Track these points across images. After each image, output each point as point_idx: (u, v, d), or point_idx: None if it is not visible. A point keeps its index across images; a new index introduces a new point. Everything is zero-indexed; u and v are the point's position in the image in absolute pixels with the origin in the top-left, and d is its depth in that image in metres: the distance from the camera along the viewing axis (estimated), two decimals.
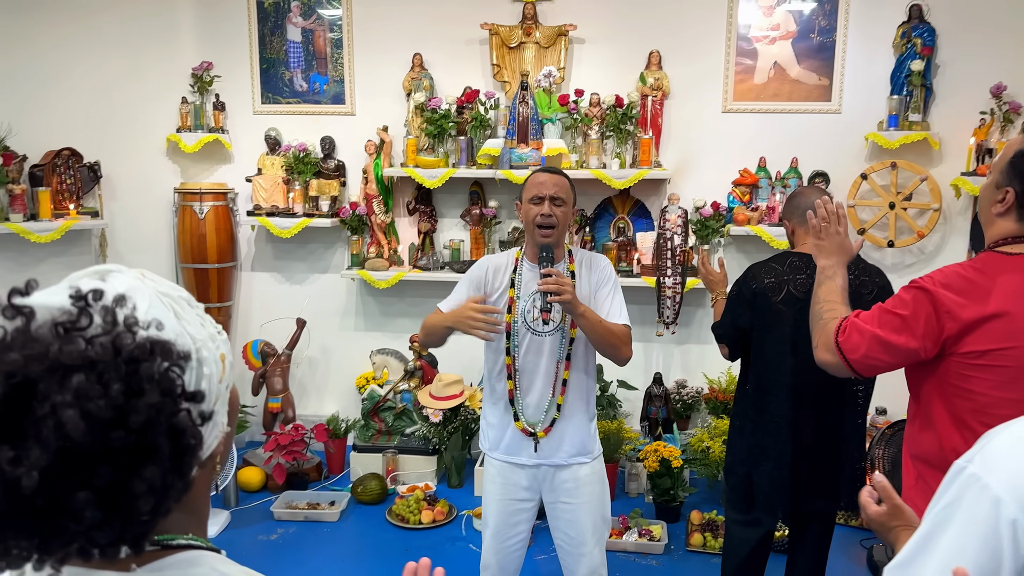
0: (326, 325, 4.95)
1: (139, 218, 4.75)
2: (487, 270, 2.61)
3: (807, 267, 2.66)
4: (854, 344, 1.82)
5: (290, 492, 4.23)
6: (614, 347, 2.48)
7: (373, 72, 4.71)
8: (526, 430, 2.55)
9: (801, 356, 2.64)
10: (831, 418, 2.70)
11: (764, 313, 2.67)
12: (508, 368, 2.56)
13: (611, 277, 2.59)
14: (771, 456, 2.72)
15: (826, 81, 4.44)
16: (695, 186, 4.54)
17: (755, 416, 2.76)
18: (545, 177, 2.52)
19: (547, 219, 2.46)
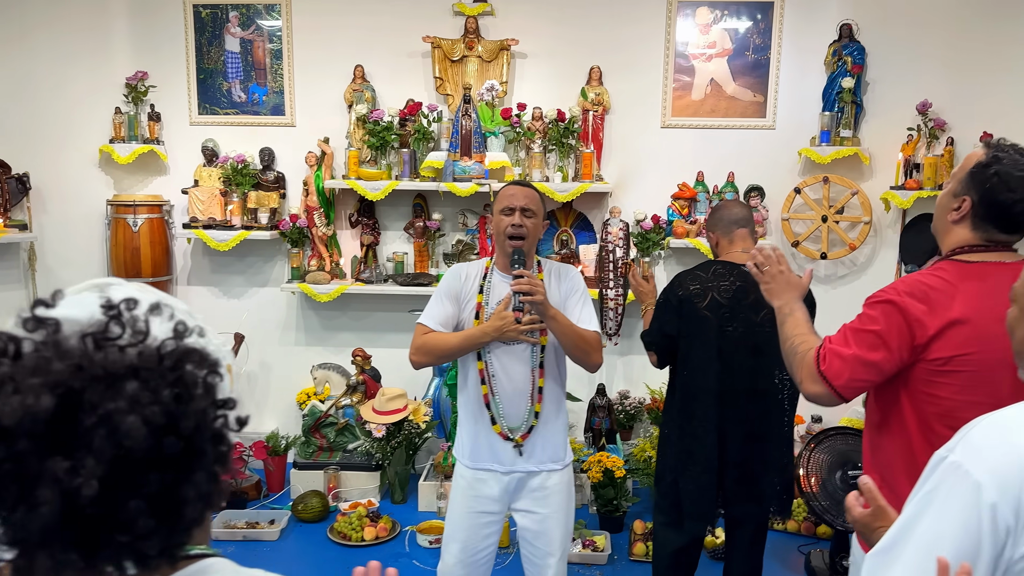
0: (266, 340, 4.86)
1: (70, 231, 4.60)
2: (460, 277, 2.63)
3: (730, 274, 2.75)
4: (837, 370, 1.82)
5: (228, 511, 4.12)
6: (585, 352, 2.51)
7: (314, 84, 4.66)
8: (504, 434, 2.56)
9: (726, 362, 2.73)
10: (757, 423, 2.77)
11: (690, 320, 2.74)
12: (481, 372, 2.57)
13: (580, 286, 2.63)
14: (698, 461, 2.78)
15: (761, 98, 4.56)
16: (636, 199, 4.60)
17: (682, 422, 2.82)
18: (516, 189, 2.56)
19: (518, 229, 2.49)
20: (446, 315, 2.58)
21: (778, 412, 2.78)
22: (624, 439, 4.60)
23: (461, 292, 2.61)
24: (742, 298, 2.72)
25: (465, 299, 2.61)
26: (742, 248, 2.82)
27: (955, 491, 1.02)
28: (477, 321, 2.56)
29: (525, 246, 2.52)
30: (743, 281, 2.72)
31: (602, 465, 3.99)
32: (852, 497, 1.38)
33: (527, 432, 2.57)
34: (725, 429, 2.75)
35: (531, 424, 2.58)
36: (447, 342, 2.52)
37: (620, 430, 4.56)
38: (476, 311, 2.57)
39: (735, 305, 2.72)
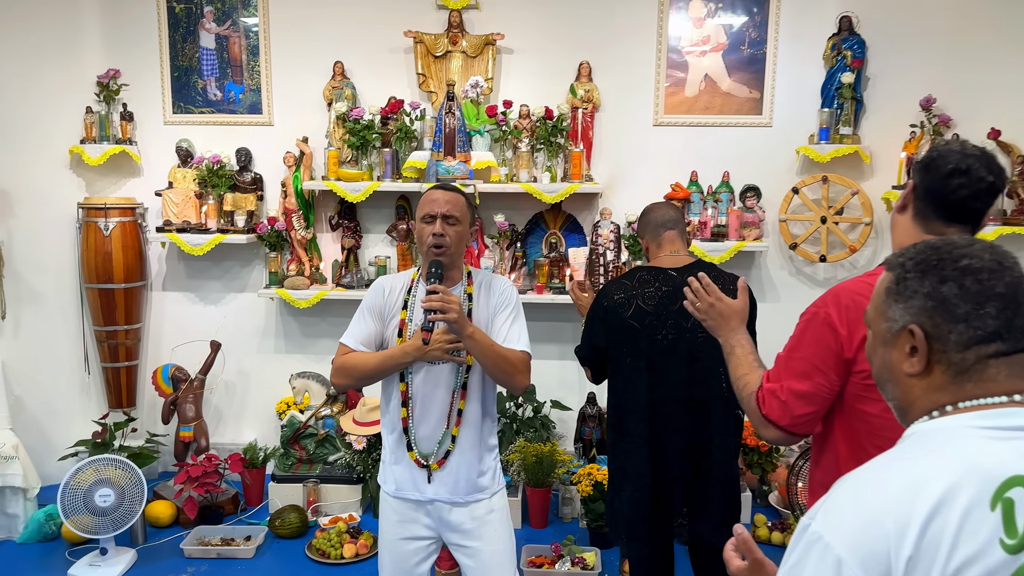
0: (244, 347, 4.68)
1: (40, 235, 4.41)
2: (383, 291, 2.44)
3: (656, 279, 2.61)
4: (778, 412, 1.68)
5: (203, 527, 3.94)
6: (507, 373, 2.33)
7: (292, 81, 4.48)
8: (419, 461, 2.39)
9: (657, 372, 2.59)
10: (695, 435, 2.62)
11: (617, 330, 2.61)
12: (403, 395, 2.40)
13: (511, 301, 2.44)
14: (631, 479, 2.64)
15: (757, 94, 4.39)
16: (627, 200, 4.42)
17: (615, 438, 2.70)
18: (438, 194, 2.36)
19: (439, 239, 2.30)
20: (368, 333, 2.41)
21: (720, 422, 2.63)
22: None
23: (384, 308, 2.43)
24: (669, 304, 2.57)
25: (389, 315, 2.42)
26: (670, 251, 2.69)
27: (818, 568, 0.97)
28: (400, 339, 2.38)
29: (447, 257, 2.33)
30: (670, 286, 2.59)
31: (592, 478, 3.82)
32: (730, 548, 1.28)
33: (443, 458, 2.39)
34: (661, 443, 2.61)
35: (447, 449, 2.39)
36: (366, 362, 2.35)
37: None
38: (399, 328, 2.39)
39: (661, 312, 2.58)
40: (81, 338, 4.54)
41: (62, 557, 3.70)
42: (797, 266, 4.47)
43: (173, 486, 4.11)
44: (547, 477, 4.01)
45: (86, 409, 4.58)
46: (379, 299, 2.42)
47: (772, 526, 3.94)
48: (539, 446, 4.05)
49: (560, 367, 4.51)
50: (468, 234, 2.41)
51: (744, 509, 3.97)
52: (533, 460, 3.99)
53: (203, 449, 4.35)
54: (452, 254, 2.33)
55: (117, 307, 4.41)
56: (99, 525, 3.54)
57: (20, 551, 3.80)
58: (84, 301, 4.48)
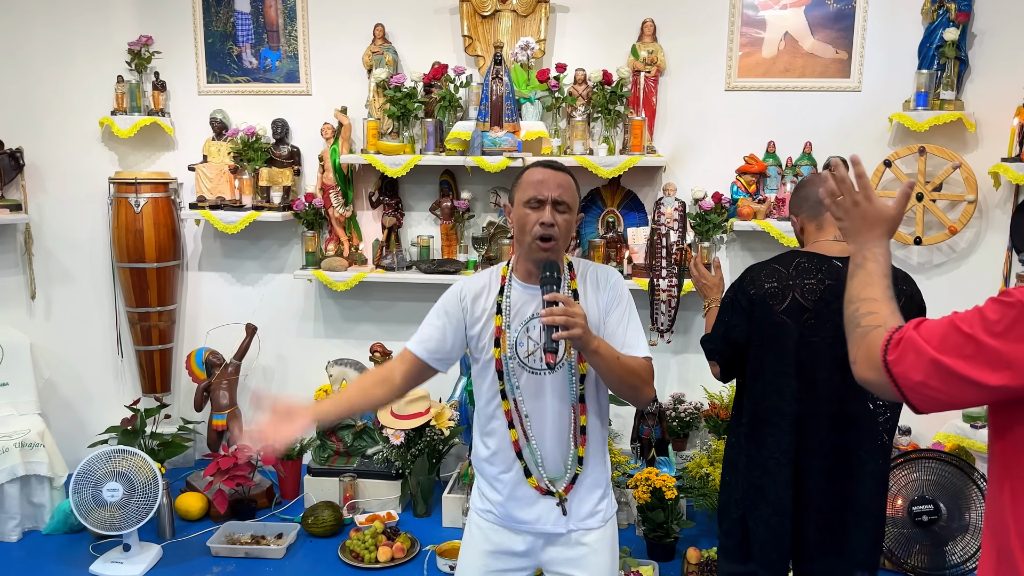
0: (282, 331, 4.43)
1: (71, 212, 4.23)
2: (463, 298, 2.09)
3: (818, 269, 2.18)
4: (908, 366, 1.29)
5: (233, 523, 3.71)
6: (634, 388, 1.97)
7: (331, 47, 4.17)
8: (542, 488, 2.05)
9: (807, 379, 2.17)
10: (844, 456, 2.20)
11: (763, 325, 2.19)
12: (508, 415, 2.04)
13: (624, 296, 2.06)
14: (769, 500, 2.23)
15: (844, 54, 3.89)
16: (694, 175, 3.99)
17: (751, 450, 2.28)
18: (546, 174, 1.98)
19: (549, 229, 1.93)
20: (438, 340, 2.08)
21: (871, 443, 2.20)
22: (677, 449, 4.03)
23: (466, 316, 2.08)
24: (831, 300, 2.14)
25: (475, 322, 2.07)
26: (835, 236, 2.24)
27: None
28: (498, 351, 2.02)
29: (554, 254, 1.96)
30: (834, 279, 2.16)
31: (650, 484, 3.44)
32: None
33: (571, 483, 2.05)
34: (803, 463, 2.20)
35: (575, 472, 2.05)
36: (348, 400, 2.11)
37: (673, 440, 3.99)
38: (496, 338, 2.03)
39: (822, 309, 2.15)
40: (114, 319, 4.36)
41: (86, 551, 3.51)
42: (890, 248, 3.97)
43: (204, 477, 3.90)
44: None
45: (120, 393, 4.41)
46: (454, 302, 2.09)
47: None
48: None
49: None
50: (575, 222, 2.04)
51: None
52: None
53: (235, 439, 4.13)
54: (560, 246, 1.97)
55: (149, 287, 4.20)
56: (107, 521, 3.33)
57: (44, 543, 3.63)
58: (116, 281, 4.29)
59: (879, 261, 1.48)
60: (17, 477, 3.60)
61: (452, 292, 2.12)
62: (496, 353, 2.02)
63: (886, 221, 1.51)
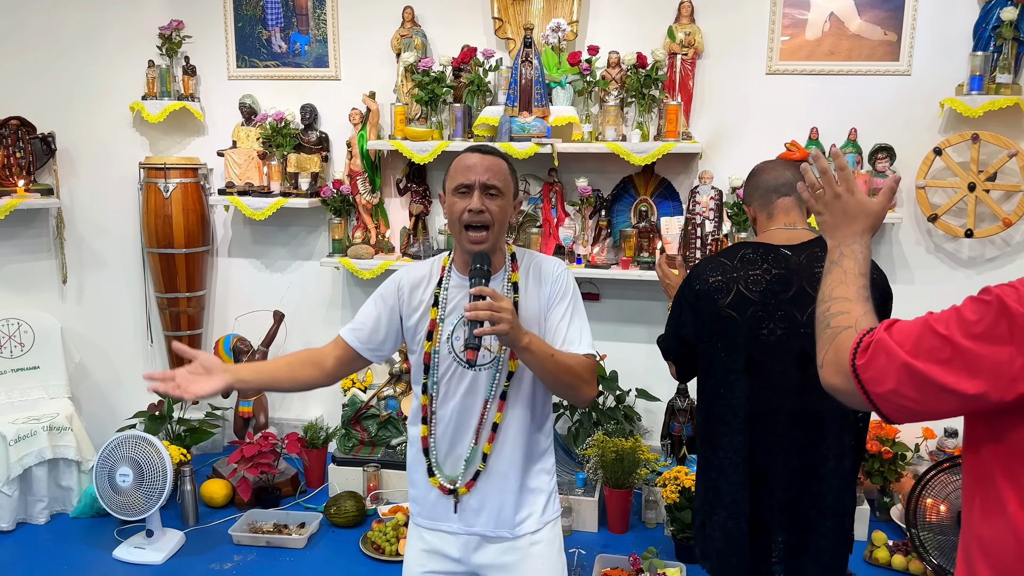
0: (310, 318, 4.40)
1: (102, 197, 4.24)
2: (400, 288, 2.00)
3: (764, 259, 2.06)
4: (878, 372, 1.18)
5: (255, 511, 3.69)
6: (570, 387, 1.87)
7: (360, 30, 4.10)
8: (444, 487, 1.96)
9: (760, 375, 2.06)
10: (806, 453, 2.08)
11: (710, 320, 2.09)
12: (424, 409, 1.96)
13: (569, 290, 1.96)
14: (725, 503, 2.13)
15: (893, 36, 3.69)
16: (732, 162, 3.83)
17: (706, 451, 2.19)
18: (474, 159, 1.88)
19: (477, 216, 1.83)
20: (370, 330, 2.00)
21: (835, 439, 2.08)
22: None
23: (402, 305, 1.99)
24: (780, 291, 2.03)
25: (411, 313, 1.98)
26: (784, 223, 2.13)
27: None
28: (430, 344, 1.93)
29: (488, 240, 1.86)
30: (781, 268, 2.04)
31: (680, 483, 3.32)
32: None
33: (472, 479, 1.95)
34: (762, 462, 2.10)
35: (476, 469, 1.95)
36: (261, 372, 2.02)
37: None
38: (429, 330, 1.94)
39: (769, 300, 2.04)
40: (144, 305, 4.37)
41: (111, 536, 3.52)
42: (936, 242, 3.78)
43: (228, 465, 3.88)
44: (628, 477, 3.54)
45: None
46: (394, 295, 2.00)
47: (893, 547, 3.35)
48: (620, 441, 3.57)
49: (648, 352, 4.00)
50: (511, 210, 1.94)
51: (861, 524, 3.40)
52: (613, 457, 3.52)
53: (261, 426, 4.11)
54: (495, 235, 1.87)
55: (178, 273, 4.19)
56: (122, 505, 3.34)
57: (71, 526, 3.66)
58: (147, 267, 4.29)
59: (857, 258, 1.38)
60: (45, 460, 3.63)
61: (392, 281, 2.03)
62: (427, 346, 1.93)
63: (868, 216, 1.41)
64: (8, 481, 3.52)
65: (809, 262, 2.04)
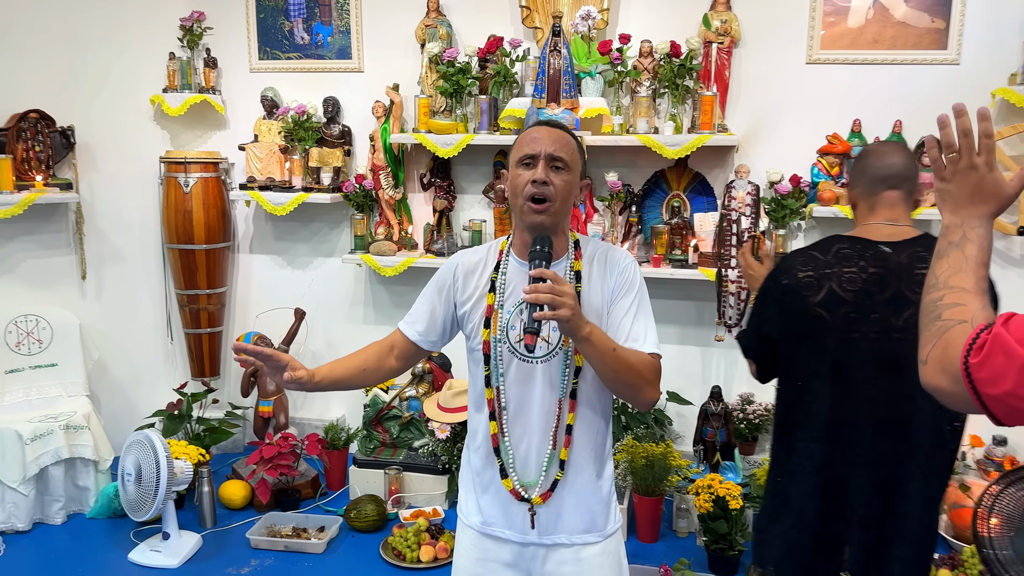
0: (332, 316, 4.30)
1: (122, 191, 4.17)
2: (456, 271, 1.88)
3: (860, 256, 1.89)
4: (994, 372, 1.03)
5: (274, 514, 3.60)
6: (632, 387, 1.72)
7: (383, 20, 3.99)
8: (517, 492, 1.81)
9: (847, 381, 1.90)
10: (892, 468, 1.91)
11: (796, 319, 1.93)
12: (490, 403, 1.82)
13: (635, 283, 1.81)
14: (791, 511, 1.98)
15: (941, 23, 3.51)
16: (770, 155, 3.68)
17: (781, 455, 2.04)
18: (542, 131, 1.76)
19: (541, 188, 1.70)
20: (428, 321, 1.89)
21: (926, 455, 1.91)
22: (745, 454, 3.74)
23: (457, 291, 1.87)
24: (875, 291, 1.87)
25: (466, 301, 1.85)
26: (887, 219, 1.94)
27: None
28: (487, 332, 1.80)
29: (550, 215, 1.72)
30: (879, 266, 1.87)
31: (713, 492, 3.17)
32: None
33: (549, 489, 1.81)
34: (843, 474, 1.94)
35: (554, 478, 1.81)
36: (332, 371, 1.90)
37: (740, 443, 3.70)
38: (487, 317, 1.81)
39: (864, 301, 1.87)
40: (164, 301, 4.29)
41: (127, 537, 3.45)
42: None
43: (247, 466, 3.80)
44: (659, 484, 3.39)
45: (170, 376, 4.36)
46: (448, 280, 1.88)
47: (939, 560, 3.17)
48: (651, 446, 3.43)
49: (680, 353, 3.85)
50: (577, 189, 1.80)
51: None
52: (643, 463, 3.38)
53: (282, 426, 4.02)
54: (557, 212, 1.73)
55: (198, 269, 4.11)
56: (128, 506, 3.26)
57: (88, 526, 3.59)
58: (167, 263, 4.22)
59: (981, 245, 1.19)
60: (62, 459, 3.56)
61: (447, 267, 1.91)
62: (485, 335, 1.80)
63: (1000, 199, 1.21)
64: (24, 480, 3.45)
65: (910, 262, 1.87)
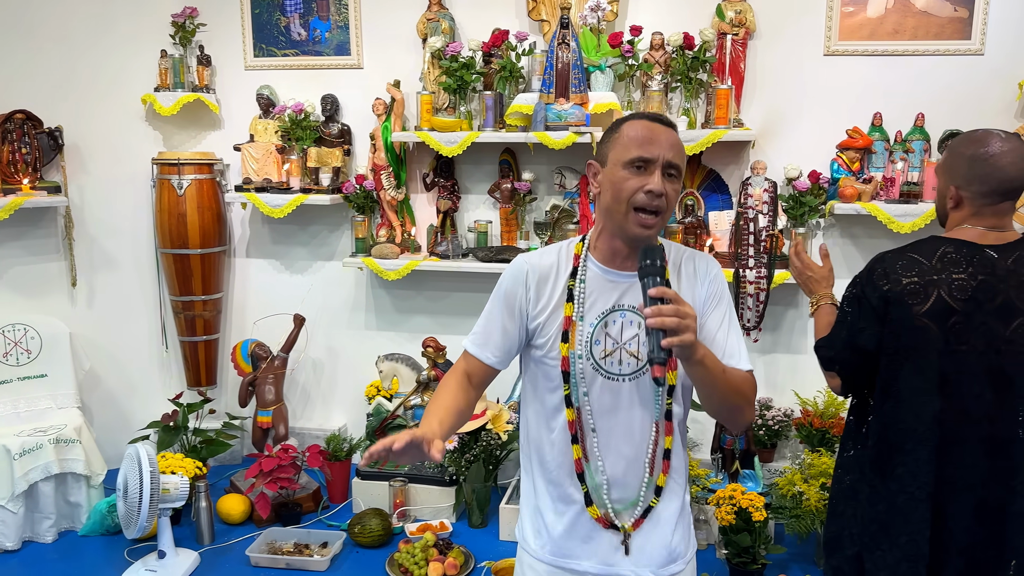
0: (332, 322, 4.16)
1: (113, 194, 4.02)
2: (527, 278, 1.69)
3: (968, 262, 1.75)
4: None
5: (275, 529, 3.44)
6: (737, 409, 1.59)
7: (383, 14, 3.85)
8: (605, 520, 1.66)
9: (952, 397, 1.75)
10: (996, 490, 1.77)
11: (899, 330, 1.78)
12: (572, 426, 1.65)
13: (726, 294, 1.67)
14: (898, 542, 1.81)
15: (964, 12, 3.38)
16: (787, 151, 3.54)
17: (875, 479, 1.86)
18: (657, 131, 1.57)
19: (657, 200, 1.54)
20: (498, 340, 1.70)
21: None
22: (764, 461, 3.60)
23: (528, 301, 1.69)
24: (984, 300, 1.73)
25: (540, 312, 1.67)
26: (992, 226, 1.80)
27: None
28: (565, 347, 1.63)
29: (655, 232, 1.58)
30: (987, 273, 1.73)
31: (735, 503, 3.02)
32: None
33: (642, 517, 1.66)
34: (945, 498, 1.79)
35: (648, 504, 1.66)
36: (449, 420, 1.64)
37: (759, 450, 3.55)
38: (564, 332, 1.64)
39: (973, 311, 1.73)
40: (159, 308, 4.14)
41: (121, 556, 3.30)
42: None
43: (246, 479, 3.65)
44: None
45: (166, 386, 4.21)
46: (516, 287, 1.69)
47: None
48: None
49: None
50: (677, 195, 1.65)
51: None
52: None
53: (281, 437, 3.87)
54: (663, 223, 1.59)
55: (193, 275, 3.96)
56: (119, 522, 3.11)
57: (80, 544, 3.43)
58: (160, 268, 4.07)
59: None
60: (52, 475, 3.41)
61: (514, 272, 1.71)
62: (563, 350, 1.63)
63: None
64: (13, 497, 3.30)
65: (1017, 267, 1.75)
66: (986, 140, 1.81)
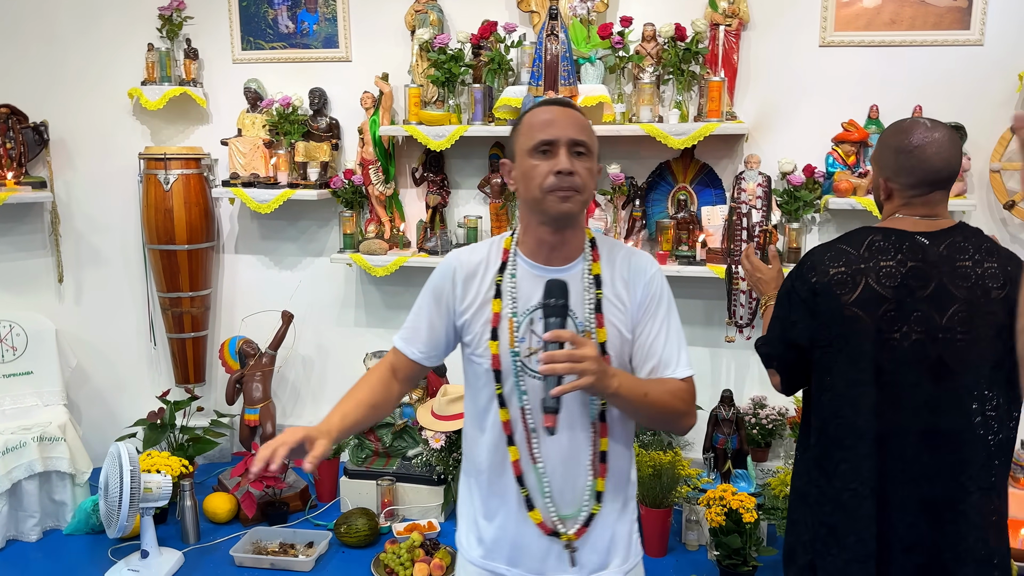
0: (322, 319, 4.11)
1: (100, 190, 3.98)
2: (455, 274, 1.65)
3: (897, 249, 1.70)
4: None
5: (260, 529, 3.40)
6: (668, 421, 1.58)
7: (372, 6, 3.79)
8: (547, 527, 1.60)
9: (889, 387, 1.70)
10: (942, 484, 1.71)
11: (831, 321, 1.73)
12: (507, 427, 1.59)
13: (663, 296, 1.61)
14: (845, 543, 1.75)
15: (964, 1, 3.30)
16: (782, 145, 3.47)
17: (821, 479, 1.81)
18: (556, 112, 1.54)
19: (567, 179, 1.49)
20: (426, 337, 1.67)
21: (980, 467, 1.71)
22: (758, 461, 3.54)
23: (459, 298, 1.64)
24: (916, 287, 1.68)
25: (467, 308, 1.63)
26: (924, 214, 1.75)
27: None
28: (494, 343, 1.58)
29: (577, 207, 1.53)
30: (918, 259, 1.68)
31: (725, 504, 2.97)
32: None
33: (584, 525, 1.60)
34: (888, 492, 1.73)
35: (590, 511, 1.60)
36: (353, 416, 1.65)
37: (752, 450, 3.49)
38: (492, 328, 1.59)
39: (904, 298, 1.68)
40: (146, 305, 4.10)
41: (105, 555, 3.26)
42: (1013, 231, 3.38)
43: (231, 478, 3.61)
44: (667, 494, 3.19)
45: (154, 383, 4.17)
46: (446, 287, 1.65)
47: None
48: (658, 455, 3.23)
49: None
50: (596, 175, 1.59)
51: None
52: (650, 472, 3.18)
53: (268, 435, 3.82)
54: (583, 203, 1.54)
55: (180, 271, 3.91)
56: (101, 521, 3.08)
57: (64, 543, 3.40)
58: (148, 264, 4.03)
59: None
60: (36, 473, 3.37)
61: (442, 271, 1.67)
62: (493, 347, 1.58)
63: None
64: None
65: (950, 253, 1.70)
66: (911, 131, 1.75)
